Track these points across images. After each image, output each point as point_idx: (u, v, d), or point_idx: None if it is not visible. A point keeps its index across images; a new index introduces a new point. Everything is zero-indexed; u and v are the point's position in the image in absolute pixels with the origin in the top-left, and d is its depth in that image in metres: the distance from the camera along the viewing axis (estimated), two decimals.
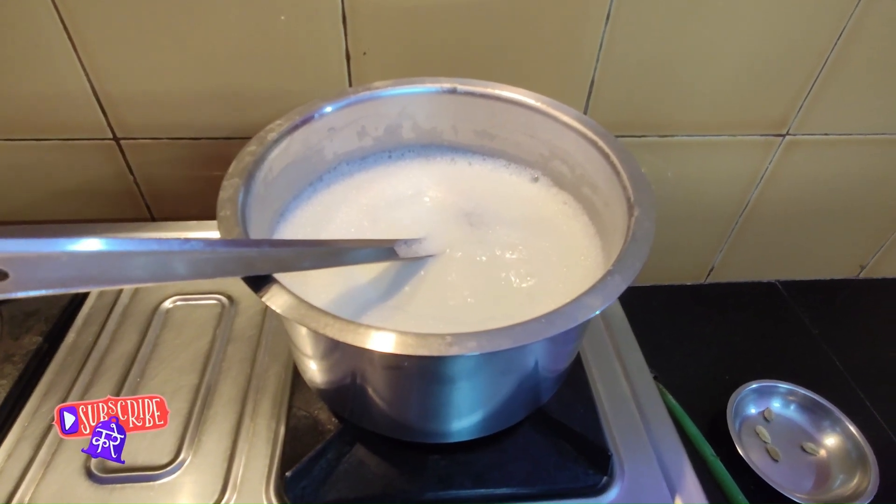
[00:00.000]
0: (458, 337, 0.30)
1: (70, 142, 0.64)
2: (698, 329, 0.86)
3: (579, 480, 0.45)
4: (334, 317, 0.32)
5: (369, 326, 0.31)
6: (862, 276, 0.94)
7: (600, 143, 0.42)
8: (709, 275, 0.92)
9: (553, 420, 0.47)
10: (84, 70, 0.58)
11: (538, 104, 0.47)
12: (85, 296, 0.57)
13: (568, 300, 0.32)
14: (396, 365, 0.36)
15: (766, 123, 0.71)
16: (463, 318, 0.41)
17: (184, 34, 0.57)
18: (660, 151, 0.72)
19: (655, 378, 0.56)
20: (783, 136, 0.72)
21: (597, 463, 0.46)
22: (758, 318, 0.88)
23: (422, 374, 0.37)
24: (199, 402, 0.50)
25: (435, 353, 0.30)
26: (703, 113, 0.69)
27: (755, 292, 0.92)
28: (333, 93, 0.49)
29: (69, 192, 0.68)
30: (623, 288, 0.31)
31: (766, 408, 0.73)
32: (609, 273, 0.32)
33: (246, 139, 0.65)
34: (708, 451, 0.62)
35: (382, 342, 0.30)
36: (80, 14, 0.55)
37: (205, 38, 0.57)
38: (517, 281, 0.44)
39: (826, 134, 0.73)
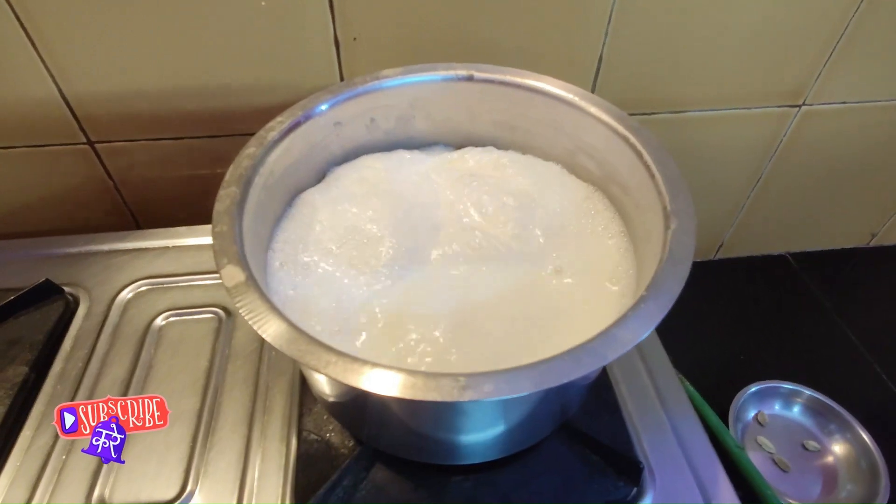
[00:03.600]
0: (473, 378, 0.27)
1: (41, 148, 0.59)
2: (709, 307, 0.84)
3: (609, 493, 0.43)
4: (337, 353, 0.29)
5: (375, 364, 0.29)
6: (873, 244, 0.92)
7: (632, 139, 0.38)
8: (718, 251, 0.89)
9: (579, 432, 0.45)
10: (48, 70, 0.53)
11: (564, 93, 0.43)
12: (70, 318, 0.53)
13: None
14: None
15: (781, 94, 0.67)
16: (481, 323, 0.38)
17: (156, 27, 0.52)
18: (672, 128, 0.69)
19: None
20: (799, 106, 0.69)
21: (627, 474, 0.43)
22: (768, 292, 0.87)
23: (440, 405, 0.34)
24: (202, 428, 0.47)
25: (447, 399, 0.27)
26: (716, 87, 0.65)
27: (765, 266, 0.90)
28: (339, 84, 0.46)
29: (45, 203, 0.64)
30: (659, 319, 0.28)
31: (759, 411, 0.69)
32: (642, 299, 0.29)
33: (231, 136, 0.61)
34: (732, 442, 0.60)
35: (389, 385, 0.28)
36: (38, 11, 0.49)
37: (180, 30, 0.52)
38: (541, 279, 0.41)
39: (844, 102, 0.69)
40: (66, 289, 0.55)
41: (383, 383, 0.28)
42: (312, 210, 0.43)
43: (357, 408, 0.40)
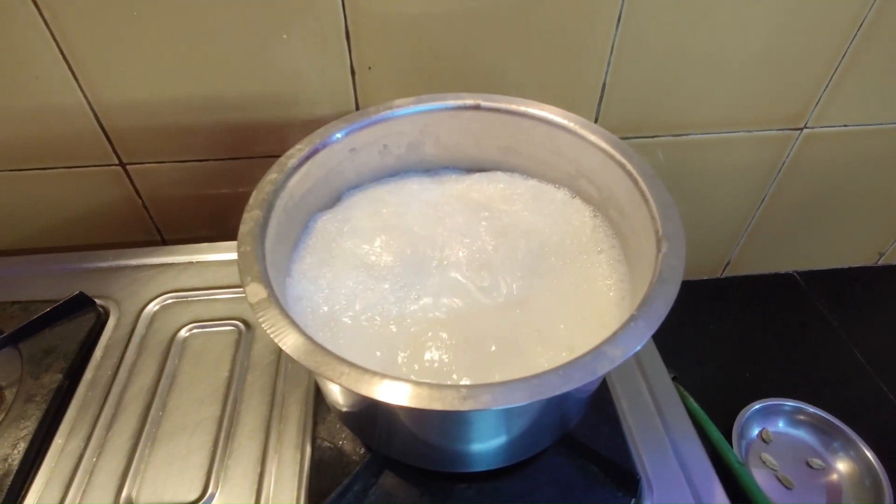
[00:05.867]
0: (473, 389, 0.30)
1: (76, 169, 0.63)
2: (715, 325, 0.85)
3: None
4: (350, 364, 0.32)
5: (384, 375, 0.31)
6: (881, 263, 0.93)
7: (628, 166, 0.41)
8: (725, 269, 0.91)
9: (579, 443, 0.47)
10: (76, 79, 0.57)
11: (564, 122, 0.46)
12: (101, 329, 0.57)
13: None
14: None
15: (783, 118, 0.69)
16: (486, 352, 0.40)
17: (184, 58, 0.56)
18: (674, 149, 0.71)
19: (674, 379, 0.55)
20: (801, 129, 0.71)
21: (625, 485, 0.45)
22: (775, 310, 0.87)
23: (444, 415, 0.37)
24: (223, 434, 0.50)
25: (449, 408, 0.30)
26: (718, 110, 0.67)
27: (772, 284, 0.91)
28: (354, 114, 0.49)
29: (78, 219, 0.68)
30: (647, 336, 0.30)
31: (764, 428, 0.70)
32: (632, 318, 0.31)
33: (250, 158, 0.65)
34: (733, 457, 0.61)
35: (396, 394, 0.30)
36: (68, 23, 0.53)
37: (206, 61, 0.56)
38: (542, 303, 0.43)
39: (846, 125, 0.71)
40: (98, 301, 0.59)
41: (392, 393, 0.30)
42: (328, 244, 0.46)
43: (368, 417, 0.43)
